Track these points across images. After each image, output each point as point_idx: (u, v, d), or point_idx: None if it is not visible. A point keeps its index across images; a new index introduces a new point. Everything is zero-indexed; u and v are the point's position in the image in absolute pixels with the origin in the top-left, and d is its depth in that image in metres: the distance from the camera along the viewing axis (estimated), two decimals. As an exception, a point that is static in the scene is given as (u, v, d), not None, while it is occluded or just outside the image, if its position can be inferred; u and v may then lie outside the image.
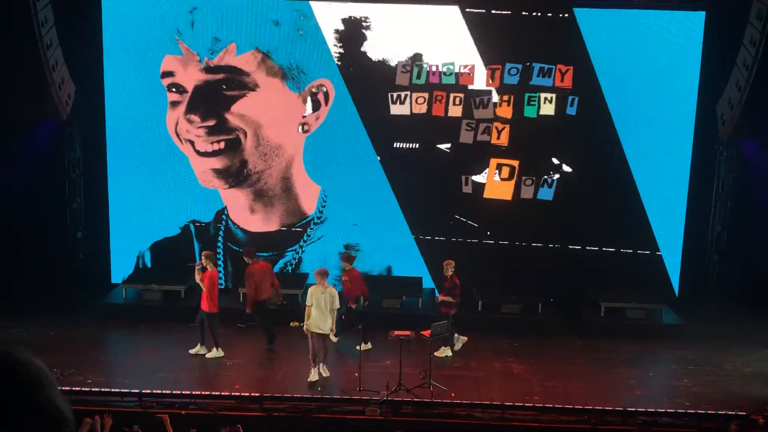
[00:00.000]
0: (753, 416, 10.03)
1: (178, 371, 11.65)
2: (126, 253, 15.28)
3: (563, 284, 14.75)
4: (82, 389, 10.51)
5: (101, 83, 14.58)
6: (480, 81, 14.65)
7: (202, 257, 12.11)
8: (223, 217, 15.74)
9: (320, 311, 11.22)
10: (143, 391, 10.55)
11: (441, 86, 14.68)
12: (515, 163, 14.89)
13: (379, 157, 15.14)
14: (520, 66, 14.55)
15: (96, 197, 15.07)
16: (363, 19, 14.70)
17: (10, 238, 13.96)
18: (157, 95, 14.81)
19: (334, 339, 12.12)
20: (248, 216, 15.78)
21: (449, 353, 12.34)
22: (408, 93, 14.75)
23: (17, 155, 14.24)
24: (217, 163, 15.45)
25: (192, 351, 12.09)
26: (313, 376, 11.25)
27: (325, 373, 11.38)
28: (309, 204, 15.68)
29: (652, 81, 14.36)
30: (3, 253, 13.76)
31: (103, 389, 10.63)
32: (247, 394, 10.55)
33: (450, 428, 9.90)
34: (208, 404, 10.36)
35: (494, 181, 14.92)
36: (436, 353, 12.00)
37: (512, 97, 14.59)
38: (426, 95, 14.70)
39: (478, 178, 15.01)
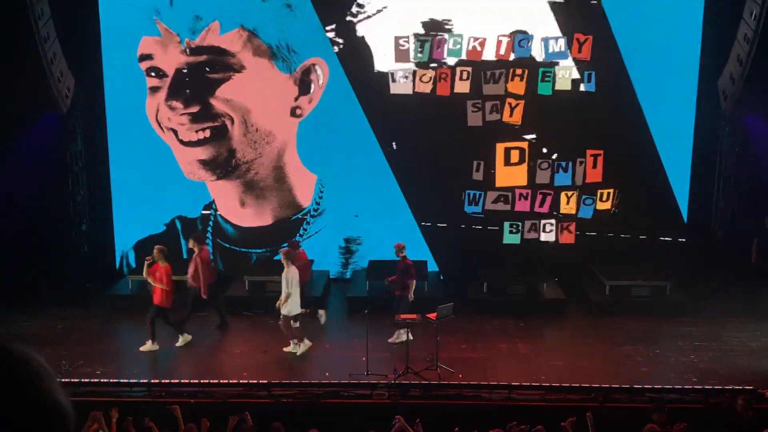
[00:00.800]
0: (760, 390, 10.06)
1: (185, 360, 11.70)
2: (130, 244, 15.24)
3: (567, 263, 14.72)
4: (91, 380, 10.57)
5: (100, 75, 14.44)
6: (489, 54, 13.78)
7: (155, 251, 11.84)
8: (211, 211, 14.94)
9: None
10: (152, 381, 10.61)
11: (446, 62, 13.80)
12: (524, 144, 14.21)
13: (379, 142, 14.42)
14: (531, 36, 13.74)
15: (99, 189, 15.05)
16: (358, -10, 13.69)
17: (16, 231, 13.97)
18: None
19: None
20: (239, 210, 14.88)
21: (404, 338, 12.02)
22: (410, 71, 13.81)
23: (19, 149, 14.23)
24: (203, 153, 14.54)
25: (143, 348, 11.84)
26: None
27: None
28: (305, 195, 14.83)
29: (652, 57, 14.09)
30: (8, 247, 13.79)
31: (111, 380, 10.69)
32: (255, 381, 10.59)
33: (458, 410, 9.94)
34: (216, 392, 10.41)
35: (504, 168, 14.28)
36: (390, 339, 12.02)
37: (525, 72, 13.83)
38: (431, 73, 13.81)
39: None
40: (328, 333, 12.90)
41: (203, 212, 14.80)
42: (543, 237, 14.60)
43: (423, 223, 14.95)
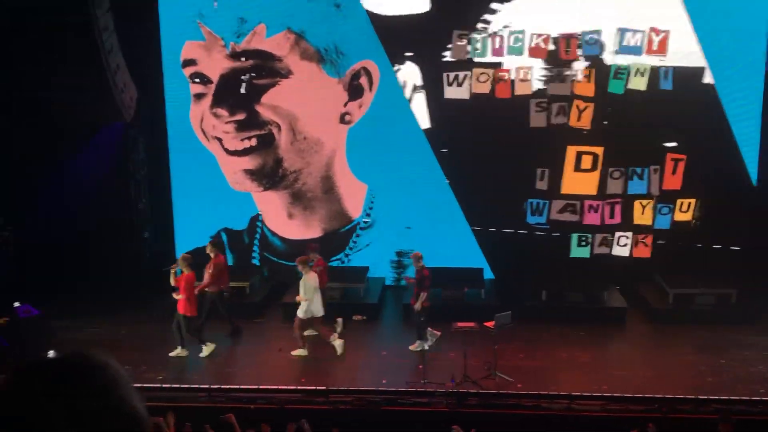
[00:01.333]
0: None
1: (244, 366, 11.82)
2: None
3: (629, 271, 14.33)
4: (153, 386, 10.76)
5: (161, 85, 14.65)
6: (553, 52, 12.92)
7: (180, 260, 11.92)
8: (258, 223, 14.46)
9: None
10: (212, 387, 10.75)
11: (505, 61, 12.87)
12: (599, 150, 13.15)
13: (433, 149, 13.83)
14: (599, 32, 12.80)
15: (160, 198, 15.33)
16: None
17: (81, 238, 14.32)
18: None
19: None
20: (286, 221, 14.43)
21: (426, 347, 11.90)
22: (467, 72, 12.89)
23: (84, 158, 14.60)
24: (249, 162, 14.09)
25: (172, 354, 11.97)
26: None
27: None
28: (354, 206, 14.29)
29: (735, 53, 13.05)
30: (75, 254, 14.14)
31: (173, 385, 10.87)
32: (313, 388, 10.63)
33: (517, 419, 9.81)
34: (274, 398, 10.49)
35: (574, 174, 13.24)
36: (411, 347, 11.94)
37: (593, 71, 12.89)
38: (489, 72, 12.85)
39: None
40: (385, 340, 12.90)
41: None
42: (616, 251, 13.55)
43: (474, 228, 14.39)
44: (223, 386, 10.83)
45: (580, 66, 13.04)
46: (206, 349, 12.07)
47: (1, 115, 13.29)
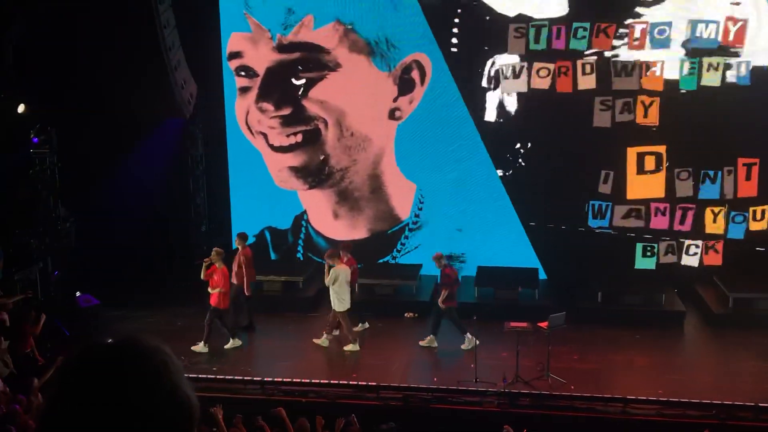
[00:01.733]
0: None
1: (297, 360, 11.92)
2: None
3: (688, 274, 13.92)
4: (207, 376, 10.94)
5: (221, 82, 14.86)
6: (618, 43, 12.22)
7: (213, 253, 11.96)
8: (303, 223, 14.16)
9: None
10: (265, 379, 10.89)
11: (567, 53, 11.84)
12: (661, 149, 12.17)
13: (486, 147, 13.36)
14: (669, 23, 11.94)
15: (218, 193, 15.58)
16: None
17: (141, 232, 14.61)
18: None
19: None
20: (331, 221, 14.09)
21: (435, 344, 11.96)
22: (524, 64, 12.04)
23: (146, 153, 14.92)
24: (295, 159, 13.77)
25: (227, 346, 12.07)
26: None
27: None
28: (403, 206, 13.87)
29: None
30: (135, 247, 14.46)
31: (227, 377, 11.03)
32: (365, 383, 10.67)
33: (569, 422, 9.69)
34: (326, 392, 10.56)
35: (637, 177, 12.25)
36: (421, 342, 11.93)
37: (662, 64, 11.90)
38: (550, 66, 11.87)
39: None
40: (436, 338, 12.86)
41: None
42: (685, 260, 12.40)
43: (530, 224, 13.99)
44: (276, 379, 10.95)
45: (647, 58, 12.12)
46: (232, 343, 12.12)
47: (66, 110, 13.68)
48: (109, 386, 1.46)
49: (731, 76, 12.06)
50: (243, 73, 13.69)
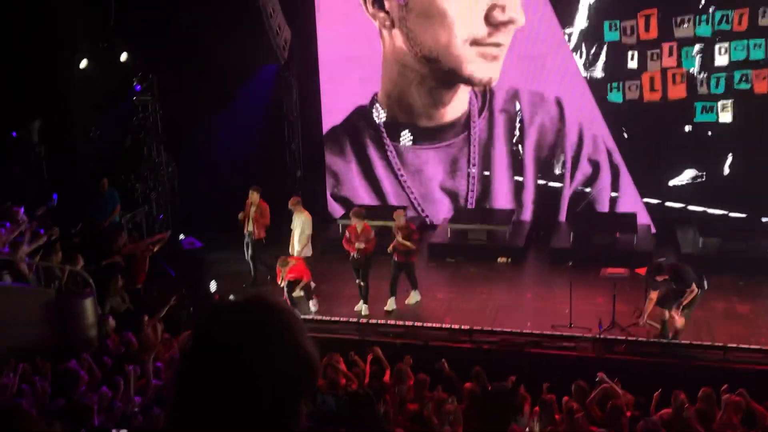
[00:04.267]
0: None
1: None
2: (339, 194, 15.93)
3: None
4: (305, 317, 11.29)
5: (314, 27, 15.00)
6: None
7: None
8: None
9: None
10: (360, 321, 11.17)
11: None
12: None
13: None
14: None
15: (312, 139, 15.81)
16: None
17: (237, 178, 14.93)
18: (369, 30, 14.66)
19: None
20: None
21: (418, 298, 11.77)
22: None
23: (243, 100, 15.24)
24: None
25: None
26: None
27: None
28: None
29: None
30: (230, 193, 14.84)
31: (324, 317, 11.37)
32: (458, 327, 10.79)
33: (666, 369, 9.52)
34: (420, 334, 10.73)
35: None
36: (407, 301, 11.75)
37: None
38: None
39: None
40: (530, 282, 12.84)
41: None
42: None
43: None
44: (371, 321, 11.21)
45: None
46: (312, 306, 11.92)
47: (167, 58, 14.08)
48: (237, 345, 1.55)
49: None
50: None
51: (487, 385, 8.24)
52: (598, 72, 13.85)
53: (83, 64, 14.20)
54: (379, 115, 15.32)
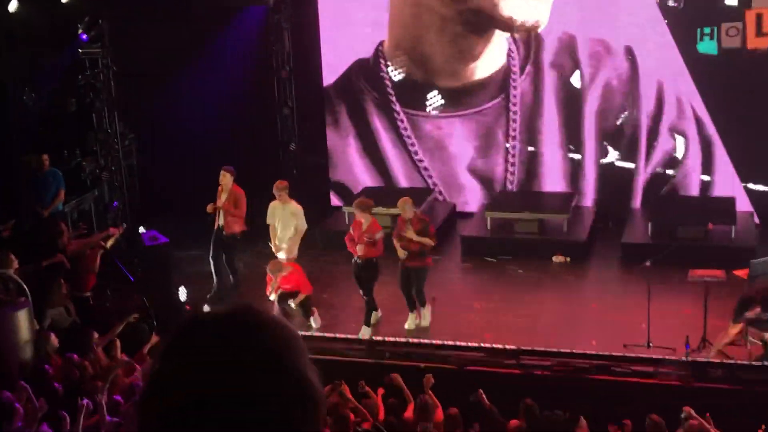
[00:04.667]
0: None
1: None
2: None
3: None
4: (304, 333, 11.27)
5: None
6: None
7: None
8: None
9: None
10: (373, 339, 11.16)
11: None
12: None
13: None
14: None
15: (310, 101, 15.75)
16: None
17: (218, 151, 14.84)
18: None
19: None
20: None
21: (430, 318, 11.66)
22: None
23: (221, 52, 15.17)
24: None
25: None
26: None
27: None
28: None
29: None
30: (204, 175, 14.83)
31: (327, 334, 11.36)
32: (501, 347, 10.75)
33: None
34: (452, 357, 10.69)
35: None
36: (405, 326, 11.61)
37: None
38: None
39: None
40: (595, 289, 12.79)
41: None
42: None
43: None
44: (387, 338, 11.18)
45: None
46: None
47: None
48: (219, 372, 1.51)
49: None
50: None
51: (538, 419, 8.23)
52: (685, 12, 13.70)
53: (13, 6, 14.18)
54: (386, 72, 15.21)
